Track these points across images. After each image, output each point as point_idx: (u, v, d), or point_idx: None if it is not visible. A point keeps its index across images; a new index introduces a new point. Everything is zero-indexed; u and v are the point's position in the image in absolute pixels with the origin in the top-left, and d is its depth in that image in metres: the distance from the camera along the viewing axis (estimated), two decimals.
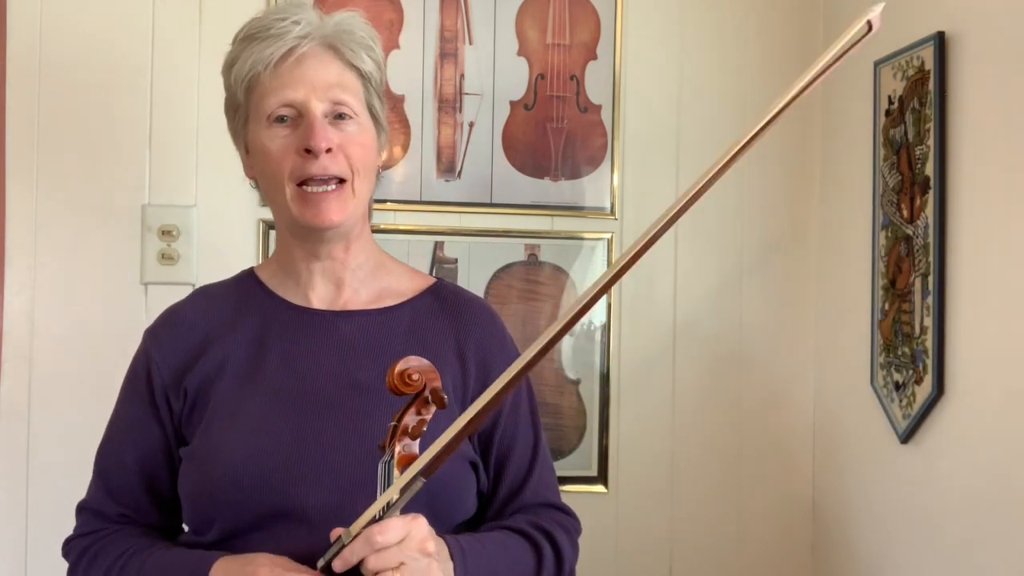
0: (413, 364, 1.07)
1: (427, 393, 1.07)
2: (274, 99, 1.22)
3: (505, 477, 1.31)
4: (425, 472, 0.99)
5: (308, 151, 1.20)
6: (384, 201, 2.01)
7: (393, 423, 1.08)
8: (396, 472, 1.05)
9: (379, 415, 1.20)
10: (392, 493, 1.02)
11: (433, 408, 1.08)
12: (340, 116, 1.23)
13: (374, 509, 1.03)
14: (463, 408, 1.28)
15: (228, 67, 1.27)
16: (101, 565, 1.25)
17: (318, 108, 1.21)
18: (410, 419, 1.08)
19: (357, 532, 1.03)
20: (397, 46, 2.04)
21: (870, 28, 0.73)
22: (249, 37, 1.24)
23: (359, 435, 1.20)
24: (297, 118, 1.22)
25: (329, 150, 1.20)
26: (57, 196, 1.92)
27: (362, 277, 1.31)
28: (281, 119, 1.22)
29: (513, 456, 1.31)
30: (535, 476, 1.32)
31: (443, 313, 1.32)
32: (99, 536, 1.28)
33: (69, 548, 1.31)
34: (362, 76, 1.27)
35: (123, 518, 1.30)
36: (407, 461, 1.06)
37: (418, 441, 1.08)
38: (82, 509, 1.33)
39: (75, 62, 1.92)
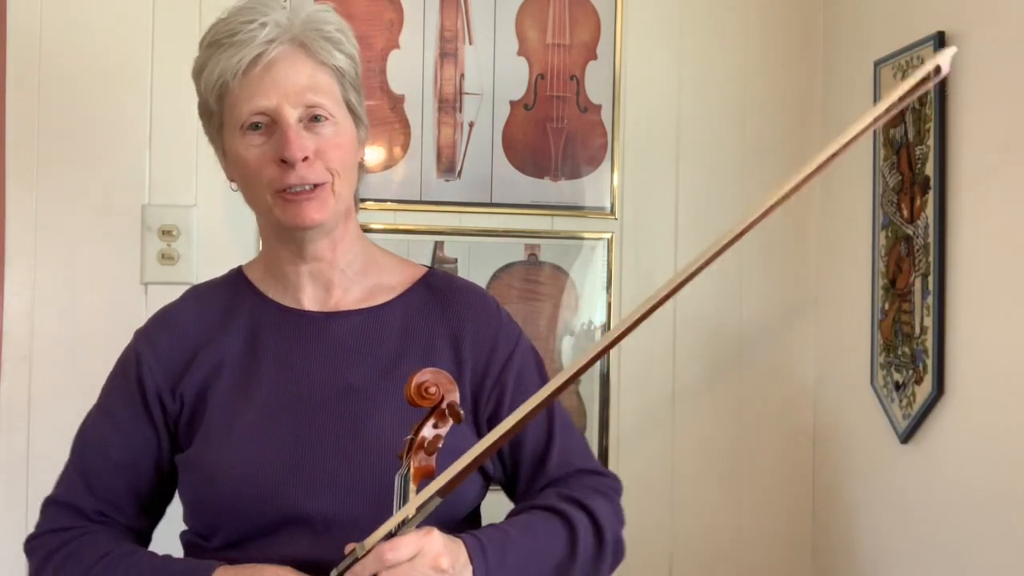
0: (430, 377, 1.05)
1: (444, 406, 1.06)
2: (246, 108, 1.17)
3: (525, 453, 1.27)
4: (441, 492, 0.98)
5: (284, 161, 1.17)
6: (384, 201, 2.01)
7: (410, 436, 1.07)
8: (412, 485, 1.04)
9: (372, 418, 1.19)
10: (408, 510, 1.01)
11: (450, 422, 1.07)
12: (315, 118, 1.19)
13: (390, 524, 1.02)
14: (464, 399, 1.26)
15: (197, 74, 1.23)
16: (76, 566, 1.18)
17: (292, 115, 1.17)
18: (427, 432, 1.06)
19: (370, 547, 1.02)
20: (397, 46, 2.03)
21: (938, 72, 0.72)
22: (215, 44, 1.19)
23: (354, 439, 1.18)
24: (271, 125, 1.18)
25: (306, 158, 1.17)
26: (57, 196, 1.92)
27: (351, 275, 1.29)
28: (255, 126, 1.18)
29: (527, 430, 1.26)
30: (556, 445, 1.27)
31: (435, 305, 1.29)
32: (74, 534, 1.22)
33: (33, 546, 1.23)
34: (336, 72, 1.22)
35: (100, 515, 1.25)
36: (423, 474, 1.05)
37: (434, 455, 1.06)
38: (51, 503, 1.26)
39: (75, 62, 1.92)
